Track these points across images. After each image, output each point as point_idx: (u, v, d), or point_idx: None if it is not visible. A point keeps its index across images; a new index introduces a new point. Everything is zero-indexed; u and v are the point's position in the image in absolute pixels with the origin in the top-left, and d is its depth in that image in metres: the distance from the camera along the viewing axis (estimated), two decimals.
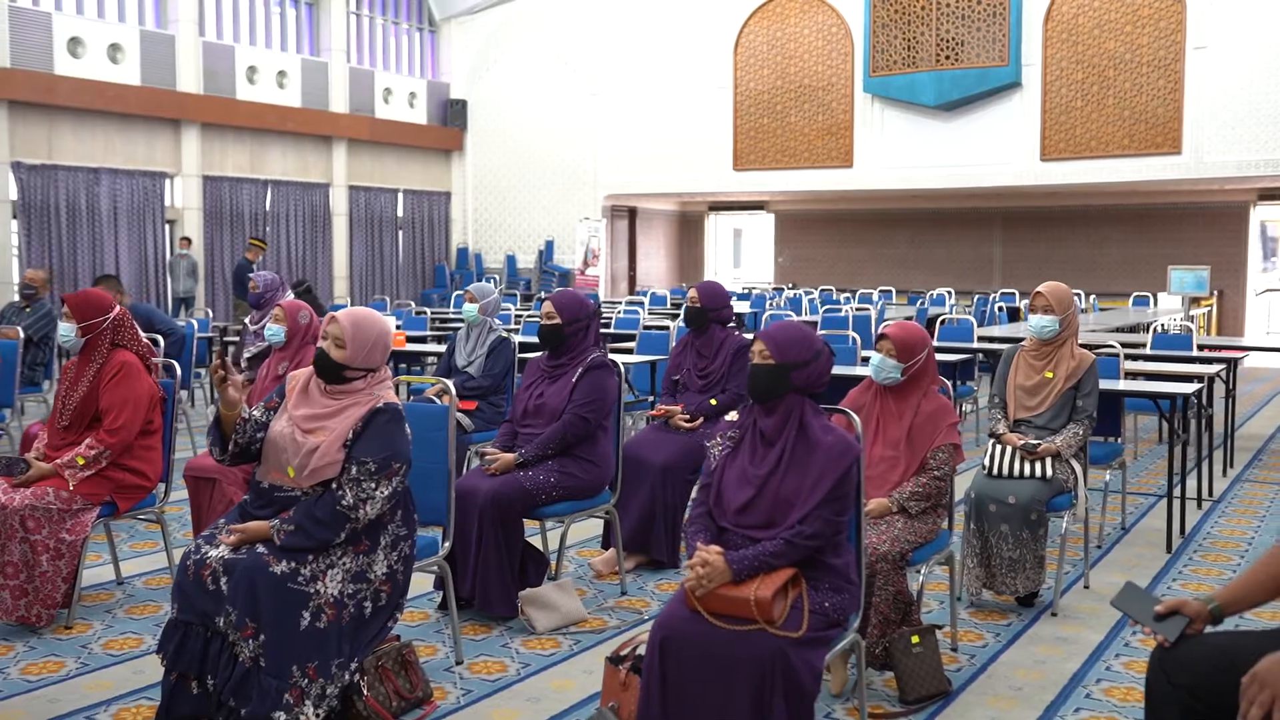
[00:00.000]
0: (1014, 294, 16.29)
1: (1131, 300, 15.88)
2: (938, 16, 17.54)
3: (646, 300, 14.84)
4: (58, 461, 4.40)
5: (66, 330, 4.63)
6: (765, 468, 3.07)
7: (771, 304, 13.78)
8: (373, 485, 3.38)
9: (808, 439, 3.07)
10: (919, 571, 3.86)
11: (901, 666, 3.66)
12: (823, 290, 17.35)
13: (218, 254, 17.36)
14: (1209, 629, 2.63)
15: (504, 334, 6.30)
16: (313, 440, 3.42)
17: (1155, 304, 16.02)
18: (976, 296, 16.23)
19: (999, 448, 4.73)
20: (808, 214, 22.47)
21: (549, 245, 21.07)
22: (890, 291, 17.39)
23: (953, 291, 16.42)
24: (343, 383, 3.49)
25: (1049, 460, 4.61)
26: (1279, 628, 2.58)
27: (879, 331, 4.04)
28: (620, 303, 15.24)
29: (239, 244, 17.54)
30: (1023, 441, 4.69)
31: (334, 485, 3.39)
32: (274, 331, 5.44)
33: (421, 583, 4.70)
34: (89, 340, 4.60)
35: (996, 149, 17.48)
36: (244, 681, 3.29)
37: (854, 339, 7.79)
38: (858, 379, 4.31)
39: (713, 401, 5.44)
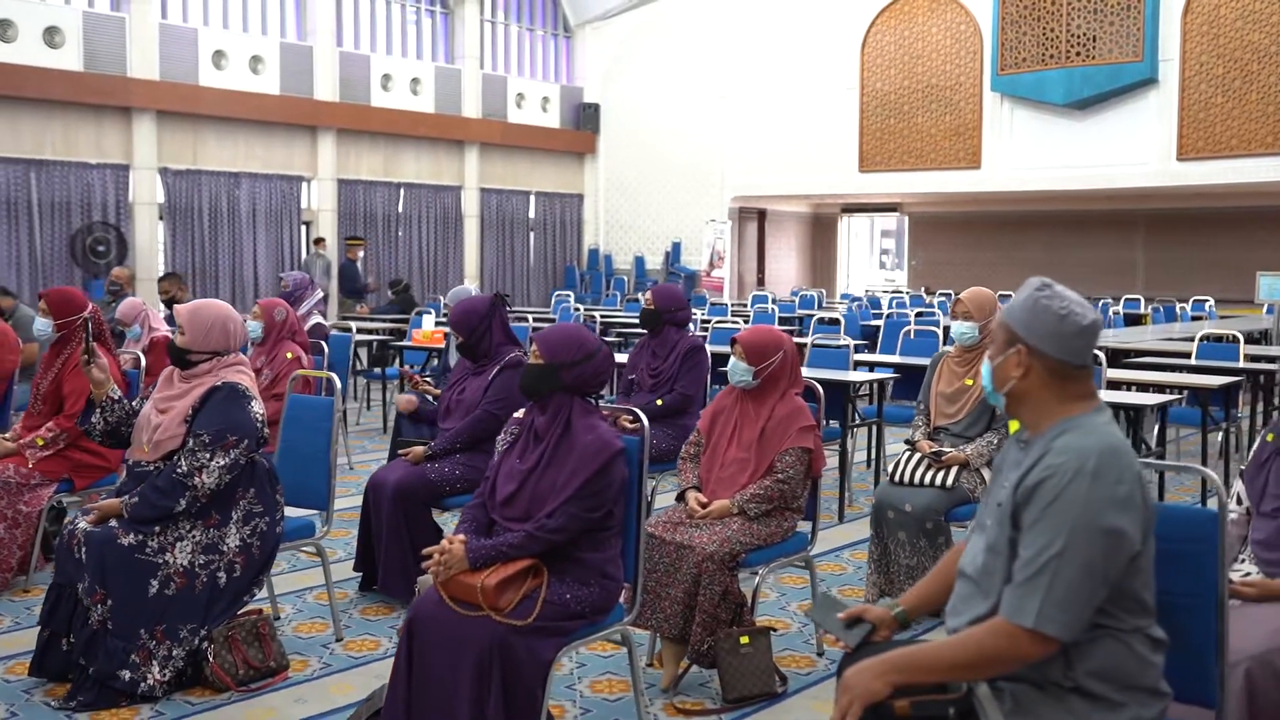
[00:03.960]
0: (1139, 300, 15.59)
1: (1266, 308, 14.96)
2: (1068, 12, 16.92)
3: (748, 305, 14.86)
4: (21, 441, 4.88)
5: (43, 325, 5.09)
6: (529, 463, 3.21)
7: (855, 306, 13.58)
8: (207, 455, 3.68)
9: (570, 437, 3.19)
10: (755, 573, 3.89)
11: (725, 665, 3.72)
12: (940, 295, 16.98)
13: None
14: (899, 634, 2.64)
15: None
16: (159, 418, 3.77)
17: None
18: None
19: (906, 454, 4.70)
20: (940, 216, 21.99)
21: (676, 247, 21.27)
22: (1010, 296, 16.86)
23: None
24: (189, 367, 3.83)
25: (954, 469, 4.56)
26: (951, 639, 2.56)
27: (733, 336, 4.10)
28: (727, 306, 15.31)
29: (372, 244, 18.41)
30: (932, 449, 4.65)
31: (175, 458, 3.73)
32: (253, 328, 5.83)
33: (344, 568, 5.01)
34: (63, 334, 5.07)
35: (1130, 149, 16.73)
36: (91, 643, 3.64)
37: None
38: None
39: (659, 402, 5.56)
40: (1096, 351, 6.33)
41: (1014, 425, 2.51)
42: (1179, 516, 2.50)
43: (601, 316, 11.09)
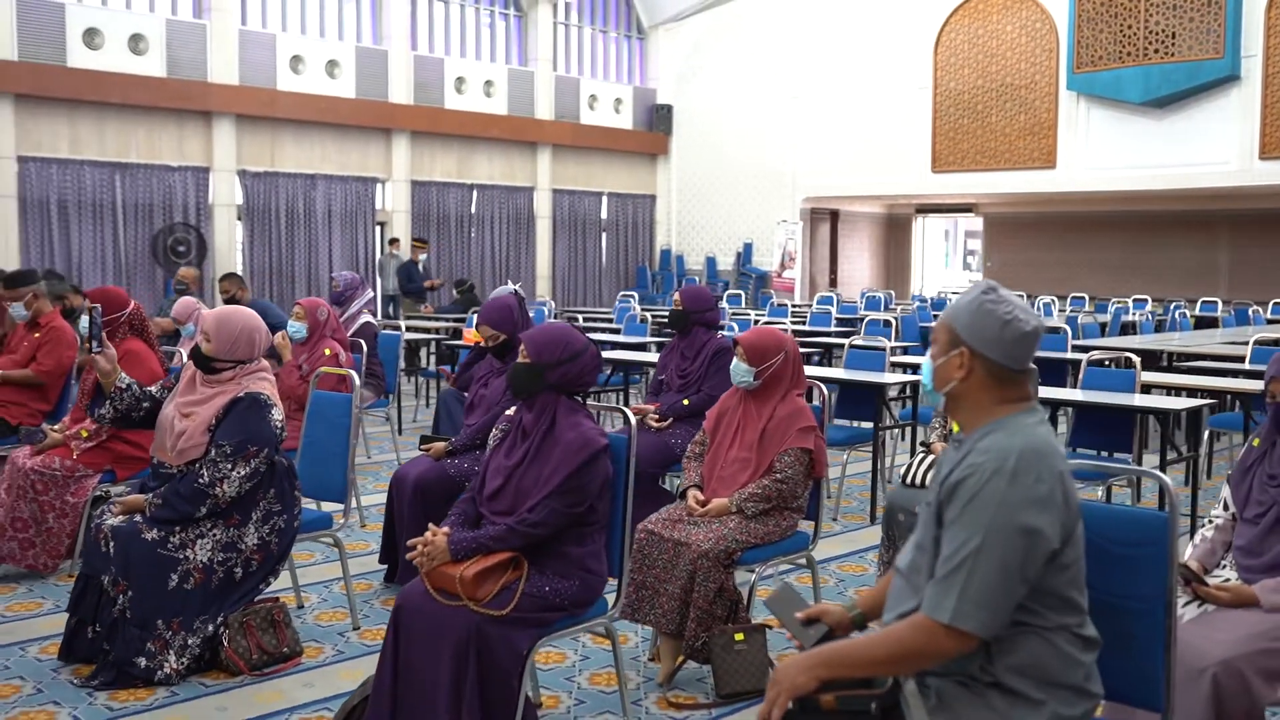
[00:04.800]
0: (1216, 303, 15.20)
1: None
2: (1146, 8, 16.57)
3: (811, 305, 14.81)
4: (67, 434, 5.12)
5: (86, 323, 5.33)
6: (514, 459, 3.31)
7: (916, 308, 13.45)
8: (229, 466, 3.84)
9: (553, 434, 3.28)
10: (752, 571, 3.94)
11: (718, 661, 3.78)
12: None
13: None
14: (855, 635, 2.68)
15: None
16: (182, 424, 3.93)
17: None
18: (1132, 300, 15.24)
19: (919, 457, 4.71)
20: (1016, 216, 21.65)
21: (747, 248, 21.27)
22: (1083, 298, 16.58)
23: (1149, 299, 15.50)
24: (213, 373, 3.99)
25: None
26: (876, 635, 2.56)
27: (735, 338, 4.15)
28: (787, 305, 15.27)
29: (444, 244, 18.74)
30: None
31: (197, 465, 3.88)
32: (296, 328, 6.02)
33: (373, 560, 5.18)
34: (107, 331, 5.30)
35: (1209, 148, 16.32)
36: (113, 629, 3.83)
37: None
38: None
39: (685, 402, 5.62)
40: (1131, 355, 6.26)
41: (956, 426, 2.54)
42: (1129, 520, 2.51)
43: (653, 316, 11.18)
